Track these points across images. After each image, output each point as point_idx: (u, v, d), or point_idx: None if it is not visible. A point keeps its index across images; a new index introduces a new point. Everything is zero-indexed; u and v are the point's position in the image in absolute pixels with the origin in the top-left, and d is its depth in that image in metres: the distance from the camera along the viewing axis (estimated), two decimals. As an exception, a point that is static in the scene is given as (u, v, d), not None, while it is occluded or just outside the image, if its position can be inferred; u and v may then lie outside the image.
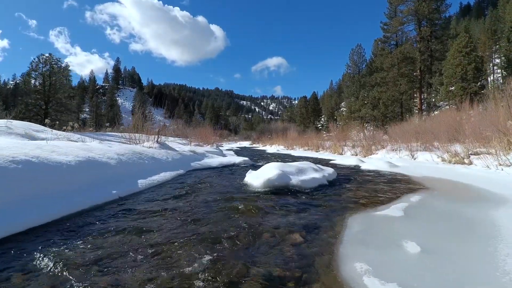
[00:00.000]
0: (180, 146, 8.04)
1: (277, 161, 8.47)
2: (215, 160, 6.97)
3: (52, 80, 18.20)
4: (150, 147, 5.87)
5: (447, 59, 25.73)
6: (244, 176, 4.42)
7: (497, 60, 38.05)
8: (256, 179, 3.78)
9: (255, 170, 4.58)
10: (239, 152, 17.90)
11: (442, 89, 26.62)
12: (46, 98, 17.77)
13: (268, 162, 9.65)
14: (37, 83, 18.21)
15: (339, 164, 8.03)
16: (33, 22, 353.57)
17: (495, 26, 36.11)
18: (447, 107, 27.25)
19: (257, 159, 10.22)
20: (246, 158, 7.74)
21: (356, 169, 6.76)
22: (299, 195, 3.30)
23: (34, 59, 18.34)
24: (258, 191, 3.44)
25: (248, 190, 3.51)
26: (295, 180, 3.68)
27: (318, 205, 2.89)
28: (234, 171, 5.65)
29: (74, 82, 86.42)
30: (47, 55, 18.61)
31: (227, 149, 20.63)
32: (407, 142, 10.44)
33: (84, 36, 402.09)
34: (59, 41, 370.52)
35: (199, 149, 7.96)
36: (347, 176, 5.31)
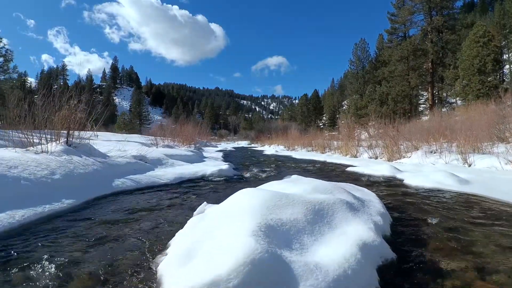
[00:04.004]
0: (131, 148, 5.44)
1: (270, 174, 5.68)
2: (172, 171, 4.38)
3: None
4: (42, 152, 3.29)
5: (463, 50, 23.16)
6: (189, 217, 1.84)
7: (505, 56, 35.74)
8: (186, 267, 1.17)
9: (215, 204, 2.00)
10: (231, 153, 15.31)
11: (458, 83, 24.08)
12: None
13: (261, 168, 7.01)
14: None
15: (364, 174, 5.42)
16: (31, 22, 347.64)
17: (504, 20, 33.75)
18: (460, 102, 24.69)
19: (247, 165, 7.62)
20: (226, 166, 5.13)
21: (398, 185, 4.15)
22: None
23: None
24: None
25: None
26: (311, 280, 1.06)
27: None
28: (185, 200, 3.00)
29: (72, 81, 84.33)
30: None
31: (219, 150, 18.03)
32: (427, 141, 7.84)
33: (83, 35, 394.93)
34: (58, 41, 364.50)
35: (157, 152, 5.38)
36: (404, 211, 2.70)
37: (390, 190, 3.79)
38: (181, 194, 3.25)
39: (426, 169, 5.67)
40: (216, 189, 3.61)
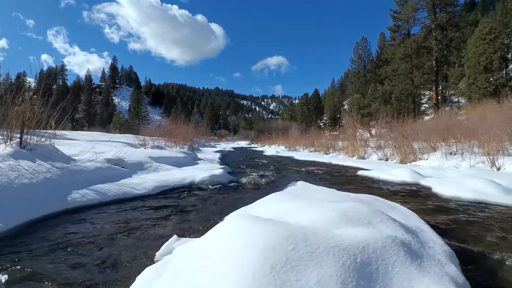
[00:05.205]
0: (110, 149, 4.69)
1: (271, 179, 4.76)
2: (153, 179, 3.64)
3: None
4: (-19, 156, 2.58)
5: (468, 48, 22.42)
6: (148, 263, 1.11)
7: (509, 55, 35.07)
8: None
9: (193, 234, 1.26)
10: (230, 154, 14.57)
11: (463, 82, 23.35)
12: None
13: (261, 172, 6.24)
14: None
15: (380, 180, 4.68)
16: (30, 22, 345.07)
17: (506, 18, 33.19)
18: (464, 101, 23.95)
19: (245, 168, 6.87)
20: (220, 171, 4.39)
21: (429, 196, 3.41)
22: None
23: None
24: None
25: None
26: None
27: None
28: (157, 222, 2.19)
29: (71, 81, 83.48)
30: None
31: (217, 150, 17.23)
32: (445, 140, 7.10)
33: (83, 35, 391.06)
34: (58, 41, 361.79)
35: (140, 154, 4.65)
36: (459, 239, 1.97)
37: (422, 203, 3.05)
38: (156, 212, 2.50)
39: (451, 173, 4.94)
40: (203, 204, 2.87)
